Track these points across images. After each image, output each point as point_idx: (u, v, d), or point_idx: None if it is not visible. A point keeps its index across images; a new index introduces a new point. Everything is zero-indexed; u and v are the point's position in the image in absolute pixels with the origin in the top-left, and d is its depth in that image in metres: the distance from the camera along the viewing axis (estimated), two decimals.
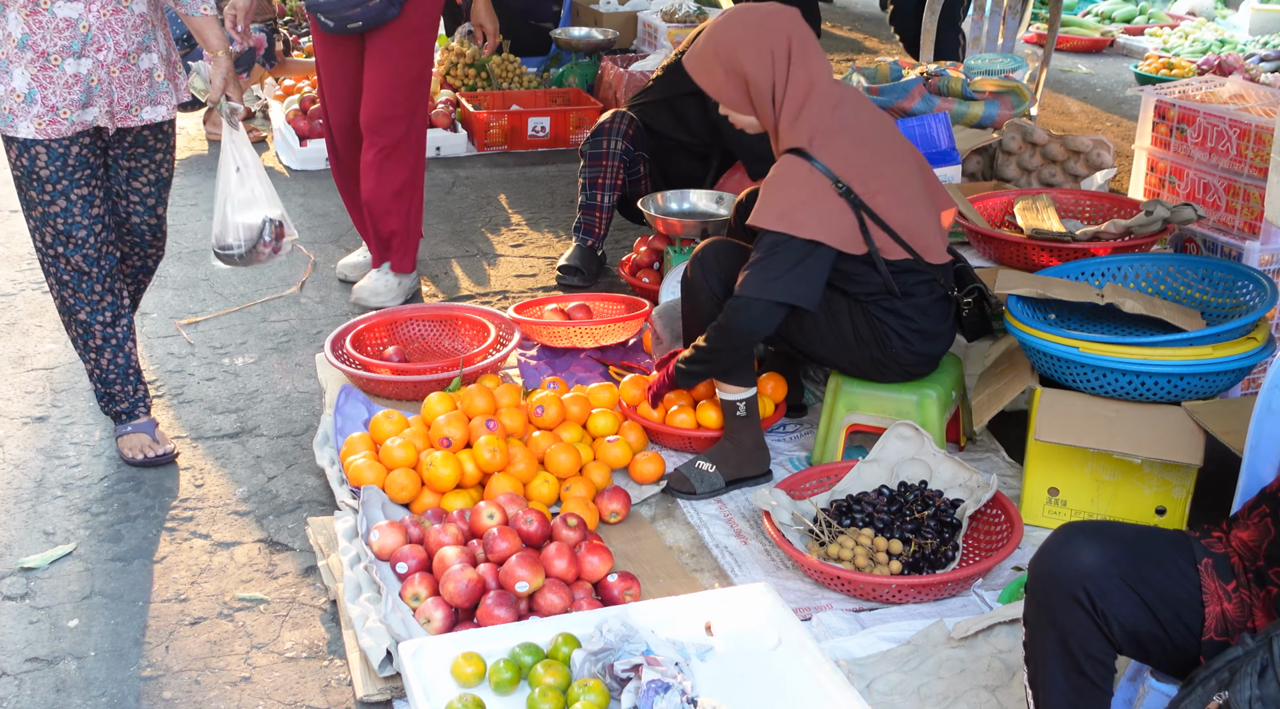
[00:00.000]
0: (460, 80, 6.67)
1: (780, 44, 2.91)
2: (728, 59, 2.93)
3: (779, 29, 2.93)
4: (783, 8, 3.00)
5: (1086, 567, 1.84)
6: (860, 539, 2.78)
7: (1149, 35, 8.99)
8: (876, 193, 2.87)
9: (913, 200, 2.95)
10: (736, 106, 3.01)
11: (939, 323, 3.01)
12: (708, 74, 2.99)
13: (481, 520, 2.76)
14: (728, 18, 2.99)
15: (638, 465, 3.14)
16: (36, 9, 2.89)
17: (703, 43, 3.01)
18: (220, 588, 2.79)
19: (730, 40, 2.94)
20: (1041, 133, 4.21)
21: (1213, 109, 3.58)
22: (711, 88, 3.01)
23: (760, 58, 2.91)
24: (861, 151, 2.89)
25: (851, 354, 3.04)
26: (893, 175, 2.92)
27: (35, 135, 2.97)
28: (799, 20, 2.98)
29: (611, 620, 2.33)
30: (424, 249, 4.91)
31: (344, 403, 3.37)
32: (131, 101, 3.10)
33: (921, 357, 3.03)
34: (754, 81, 2.92)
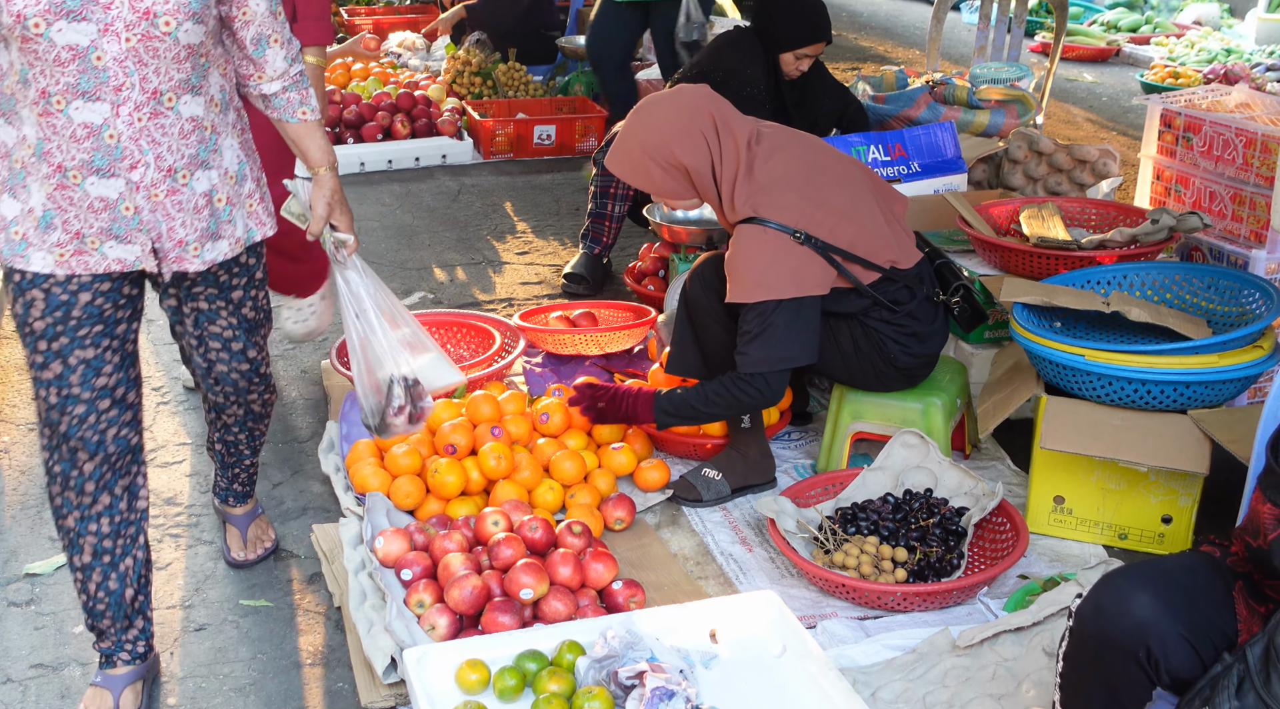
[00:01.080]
0: (466, 88, 6.68)
1: (707, 124, 2.89)
2: (662, 155, 2.89)
3: (700, 109, 2.90)
4: (693, 87, 3.00)
5: (1145, 623, 1.78)
6: (865, 547, 2.77)
7: (1155, 44, 9.00)
8: (834, 227, 2.86)
9: (869, 216, 2.93)
10: (679, 195, 2.97)
11: (929, 323, 3.01)
12: (644, 175, 2.94)
13: (486, 527, 2.76)
14: (644, 115, 2.95)
15: (643, 473, 3.14)
16: (49, 109, 2.14)
17: (627, 146, 2.94)
18: (225, 594, 2.79)
19: (658, 136, 2.89)
20: (1048, 141, 4.21)
21: (1219, 118, 3.58)
22: (650, 186, 2.96)
23: (695, 144, 2.88)
24: (805, 194, 2.87)
25: (852, 368, 3.04)
26: (842, 201, 2.90)
27: (54, 269, 2.23)
28: (710, 93, 2.98)
29: (616, 627, 2.33)
30: (429, 256, 4.92)
31: (349, 410, 3.37)
32: (186, 236, 2.28)
33: (920, 358, 3.03)
34: (694, 169, 2.89)
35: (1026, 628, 2.48)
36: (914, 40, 9.67)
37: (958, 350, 3.57)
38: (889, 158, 4.21)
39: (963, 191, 4.11)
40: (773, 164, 2.89)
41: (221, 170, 2.32)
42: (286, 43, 2.35)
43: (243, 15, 2.27)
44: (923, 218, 4.01)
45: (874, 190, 3.02)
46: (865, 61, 8.82)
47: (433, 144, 6.11)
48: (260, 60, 2.34)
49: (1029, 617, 2.48)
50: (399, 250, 4.98)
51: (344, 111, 6.06)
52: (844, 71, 8.42)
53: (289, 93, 2.39)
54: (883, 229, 2.94)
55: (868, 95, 4.92)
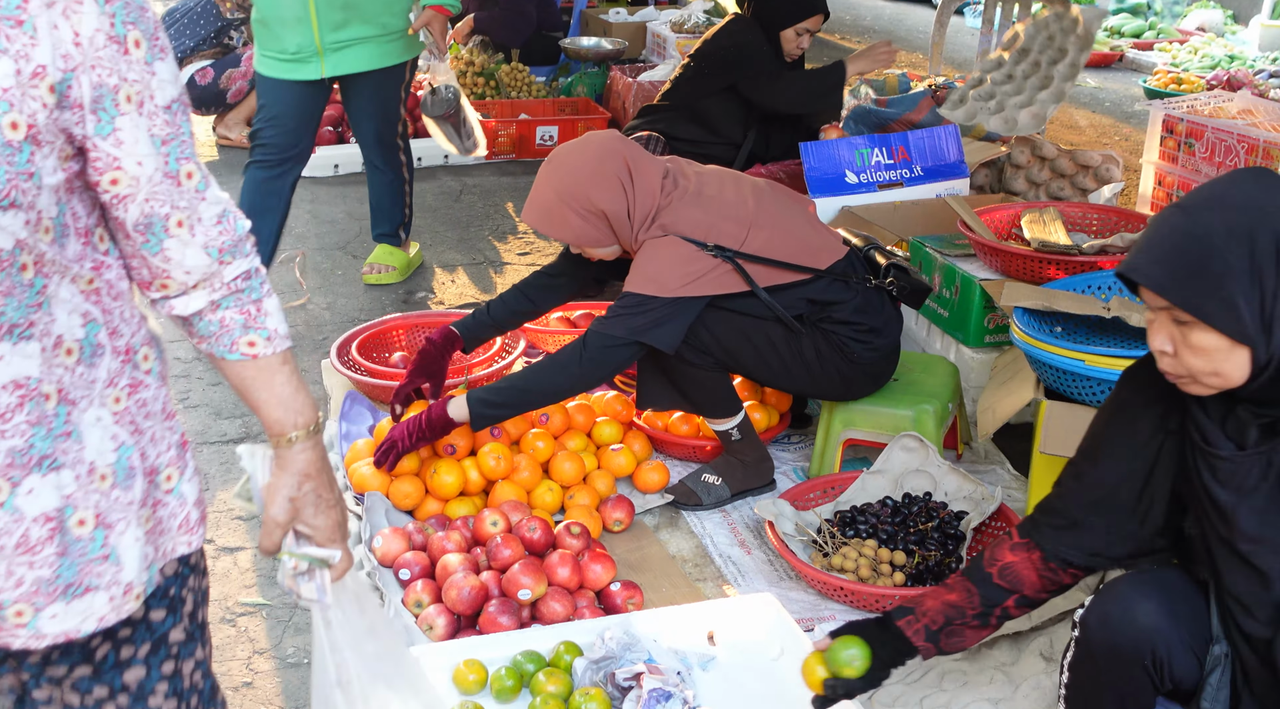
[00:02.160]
0: (469, 89, 6.69)
1: (621, 167, 2.89)
2: (580, 203, 2.88)
3: (613, 153, 2.91)
4: (601, 133, 3.01)
5: (1151, 629, 1.81)
6: (864, 550, 2.77)
7: (1158, 50, 9.00)
8: (747, 235, 2.88)
9: (781, 220, 2.96)
10: (598, 242, 2.95)
11: (878, 314, 3.02)
12: (562, 225, 2.91)
13: (485, 528, 2.76)
14: (557, 165, 2.93)
15: (642, 474, 3.14)
16: None
17: (543, 196, 2.93)
18: (223, 593, 2.79)
19: (574, 185, 2.88)
20: (1051, 147, 4.21)
21: (1221, 124, 3.59)
22: (569, 235, 2.93)
23: (611, 190, 2.87)
24: (711, 207, 2.90)
25: (818, 378, 3.02)
26: (749, 210, 2.93)
27: None
28: (619, 137, 2.99)
29: (614, 629, 2.33)
30: (430, 256, 4.92)
31: (349, 409, 3.38)
32: (17, 591, 1.24)
33: (881, 351, 3.03)
34: (612, 213, 2.88)
35: (1024, 633, 2.48)
36: (917, 44, 9.68)
37: (957, 355, 3.57)
38: (892, 161, 4.21)
39: (965, 196, 4.11)
40: (679, 189, 2.93)
41: (79, 469, 1.27)
42: (210, 223, 1.34)
43: (111, 182, 1.24)
44: (924, 221, 4.01)
45: (784, 197, 3.06)
46: None
47: (435, 144, 6.09)
48: (154, 259, 1.31)
49: (1027, 622, 2.48)
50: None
51: None
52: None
53: (223, 311, 1.41)
54: (799, 232, 2.97)
55: (870, 98, 4.92)
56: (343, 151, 5.93)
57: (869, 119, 4.81)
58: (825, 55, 9.18)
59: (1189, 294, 1.66)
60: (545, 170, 2.96)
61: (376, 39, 4.11)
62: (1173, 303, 1.67)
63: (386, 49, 4.15)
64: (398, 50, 4.19)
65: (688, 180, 2.97)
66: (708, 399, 3.04)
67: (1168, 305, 1.68)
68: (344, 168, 5.94)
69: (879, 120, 4.79)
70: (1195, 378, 1.72)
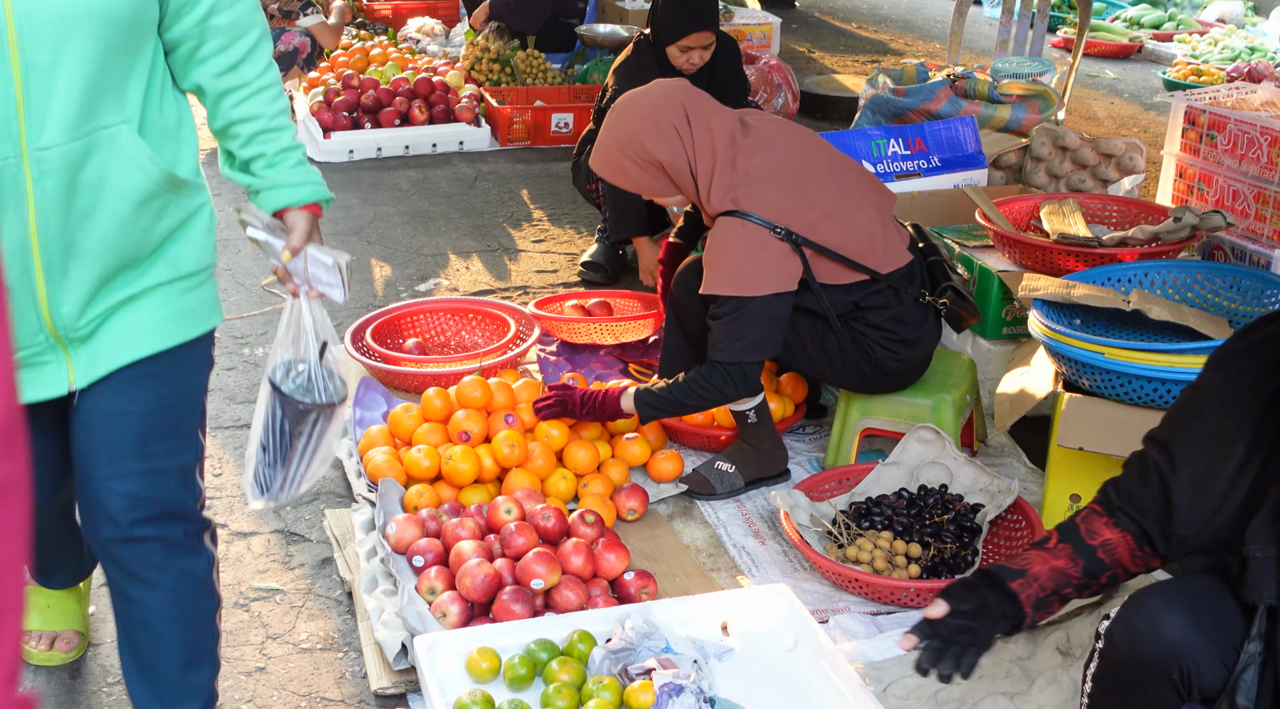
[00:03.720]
0: (484, 75, 6.67)
1: (679, 118, 2.87)
2: (638, 152, 2.88)
3: (673, 104, 2.89)
4: (666, 83, 2.98)
5: (1178, 644, 1.78)
6: (879, 542, 2.76)
7: (1178, 42, 8.93)
8: (817, 223, 2.84)
9: (856, 215, 2.91)
10: (661, 192, 2.96)
11: (917, 326, 2.98)
12: (622, 173, 2.93)
13: (499, 515, 2.76)
14: (619, 114, 2.95)
15: (656, 463, 3.13)
16: None
17: (605, 146, 2.95)
18: (236, 577, 2.79)
19: (631, 134, 2.89)
20: (1073, 136, 4.17)
21: (1244, 116, 3.55)
22: (630, 184, 2.95)
23: (667, 139, 2.86)
24: (788, 188, 2.85)
25: (838, 371, 3.02)
26: (828, 198, 2.88)
27: None
28: (687, 86, 2.96)
29: (634, 617, 2.32)
30: (445, 243, 4.91)
31: (363, 395, 3.37)
32: None
33: (907, 363, 3.00)
34: (670, 164, 2.87)
35: (1040, 627, 2.46)
36: (935, 34, 9.62)
37: (974, 346, 3.55)
38: (909, 152, 4.19)
39: (983, 187, 4.08)
40: (758, 158, 2.87)
41: None
42: None
43: None
44: (942, 212, 3.99)
45: (867, 190, 3.00)
46: (885, 55, 8.78)
47: (450, 130, 6.10)
48: None
49: None
50: (415, 236, 4.98)
51: (361, 96, 6.05)
52: (863, 64, 8.39)
53: None
54: (872, 231, 2.92)
55: (888, 88, 4.89)
56: (356, 137, 5.93)
57: (886, 109, 4.78)
58: (843, 45, 9.14)
59: None
60: (609, 118, 2.97)
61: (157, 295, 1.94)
62: None
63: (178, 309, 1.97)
64: (197, 309, 2.00)
65: (772, 148, 2.90)
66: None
67: None
68: (359, 153, 5.94)
69: (896, 110, 4.76)
70: None
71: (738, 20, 7.54)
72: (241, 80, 1.92)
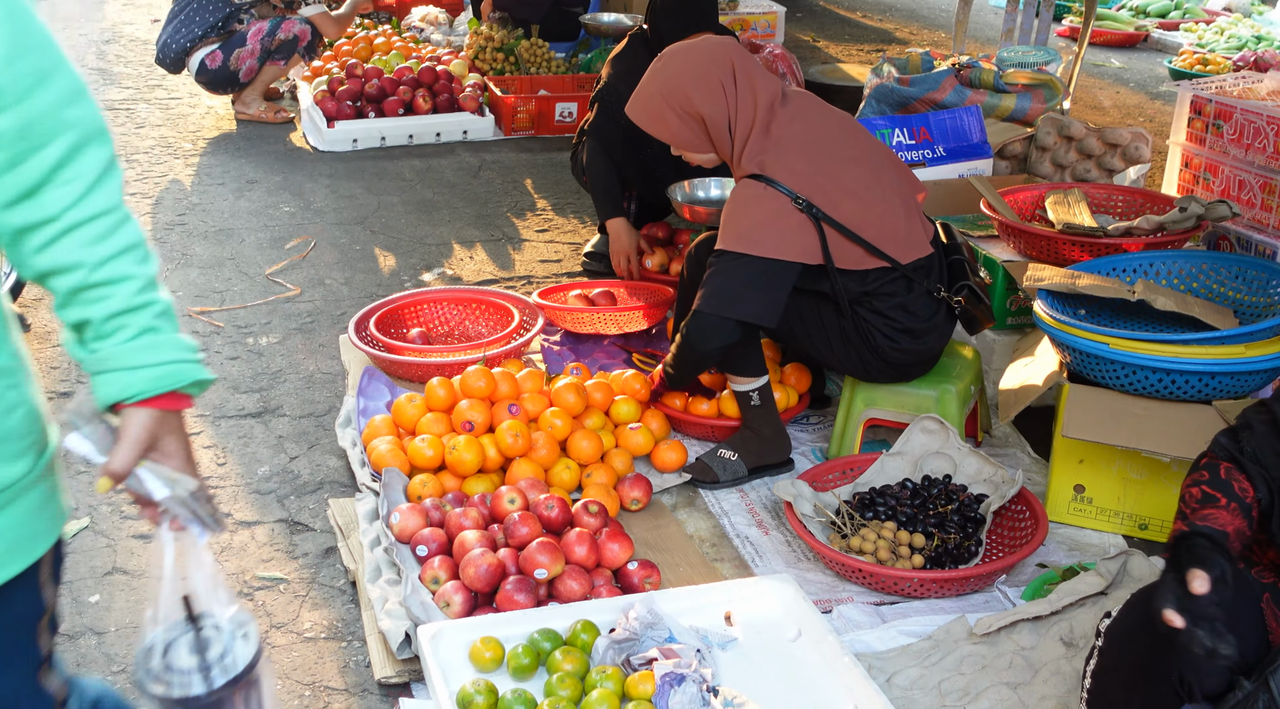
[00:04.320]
0: (488, 64, 6.66)
1: (727, 75, 2.87)
2: (681, 103, 2.88)
3: (722, 60, 2.89)
4: (718, 39, 2.97)
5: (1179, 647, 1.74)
6: (883, 532, 2.76)
7: (1184, 31, 8.90)
8: (840, 202, 2.83)
9: (881, 200, 2.89)
10: (695, 147, 2.96)
11: (925, 319, 2.97)
12: (661, 122, 2.93)
13: (502, 505, 2.76)
14: (667, 62, 2.94)
15: (660, 453, 3.13)
16: None
17: (648, 92, 2.94)
18: (241, 566, 2.80)
19: (677, 83, 2.88)
20: (1079, 126, 4.16)
21: (1250, 105, 3.54)
22: (666, 134, 2.95)
23: (713, 94, 2.86)
24: (817, 162, 2.84)
25: (839, 355, 3.02)
26: (855, 179, 2.87)
27: None
28: (737, 46, 2.95)
29: (638, 607, 2.32)
30: (449, 232, 4.90)
31: (367, 384, 3.37)
32: None
33: (910, 355, 2.99)
34: (710, 119, 2.87)
35: (1044, 617, 2.46)
36: (940, 23, 9.59)
37: (979, 337, 3.54)
38: (914, 142, 4.17)
39: (988, 177, 4.07)
40: (793, 128, 2.87)
41: None
42: None
43: None
44: (947, 202, 3.97)
45: (898, 178, 2.98)
46: (890, 44, 8.75)
47: (454, 120, 6.09)
48: None
49: (1047, 606, 2.46)
50: (419, 226, 4.97)
51: (365, 85, 6.05)
52: (868, 53, 8.36)
53: None
54: (895, 219, 2.90)
55: (893, 77, 4.87)
56: (360, 126, 5.92)
57: (891, 98, 4.76)
58: (847, 34, 9.11)
59: None
60: (655, 66, 2.96)
61: None
62: None
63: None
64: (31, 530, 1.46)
65: (808, 122, 2.90)
66: (735, 353, 3.01)
67: None
68: (363, 143, 5.93)
69: (901, 99, 4.74)
70: None
71: (742, 9, 7.52)
72: (44, 213, 1.32)
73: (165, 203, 5.17)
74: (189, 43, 6.09)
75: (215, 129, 6.24)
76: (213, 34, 6.10)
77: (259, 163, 5.72)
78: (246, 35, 6.09)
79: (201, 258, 4.59)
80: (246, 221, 4.96)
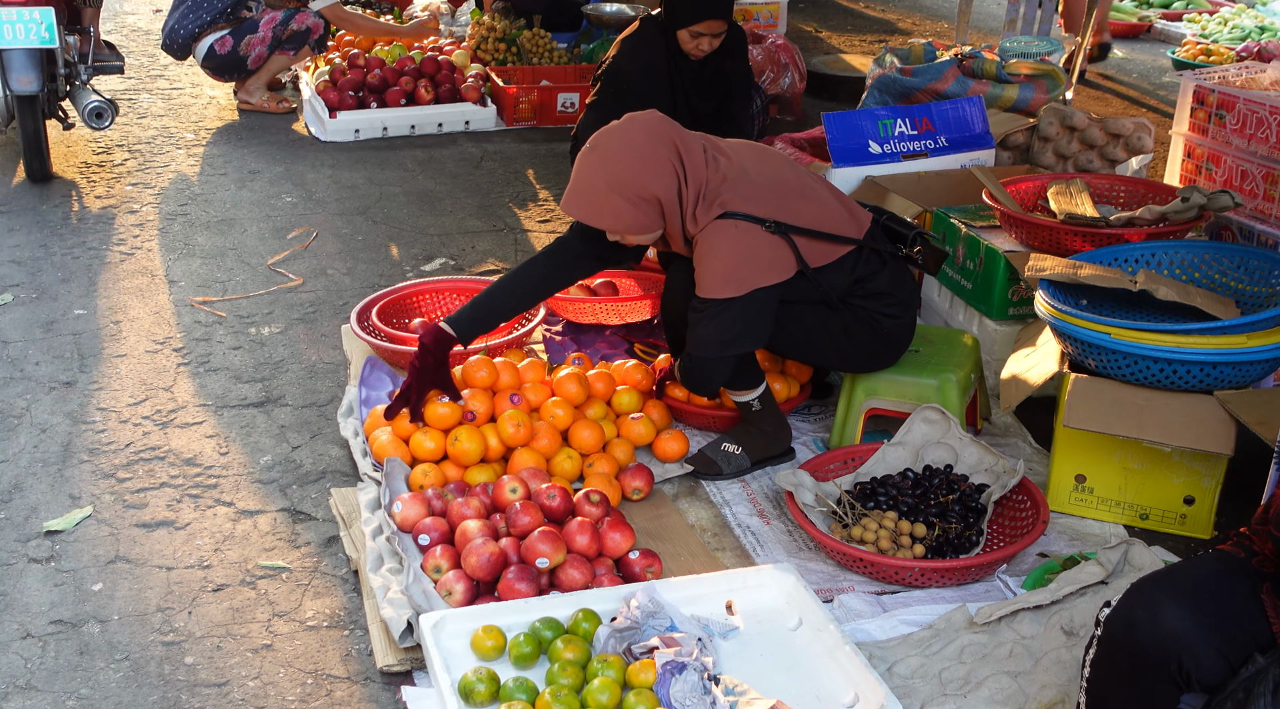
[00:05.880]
0: (490, 54, 6.65)
1: (672, 151, 2.84)
2: (633, 190, 2.80)
3: (661, 137, 2.84)
4: (643, 115, 2.90)
5: (1178, 635, 1.78)
6: (884, 522, 2.76)
7: (1187, 21, 8.87)
8: (796, 209, 2.87)
9: (814, 192, 2.95)
10: (648, 228, 2.88)
11: (903, 284, 3.03)
12: (613, 214, 2.83)
13: (504, 494, 2.76)
14: (605, 152, 2.84)
15: (661, 443, 3.13)
16: None
17: (593, 186, 2.84)
18: (243, 555, 2.80)
19: (627, 173, 2.80)
20: (1081, 116, 4.16)
21: (1253, 95, 3.53)
22: (615, 223, 2.85)
23: (664, 175, 2.81)
24: (759, 182, 2.87)
25: (846, 354, 3.04)
26: (792, 180, 2.92)
27: None
28: (663, 117, 2.91)
29: (640, 596, 2.33)
30: (451, 222, 4.90)
31: (369, 374, 3.38)
32: None
33: (905, 326, 3.05)
34: (666, 198, 2.83)
35: (1045, 606, 2.47)
36: (943, 13, 9.57)
37: (980, 327, 3.55)
38: (916, 132, 4.17)
39: (990, 167, 4.07)
40: (723, 167, 2.88)
41: None
42: None
43: None
44: (948, 192, 3.97)
45: (802, 167, 3.04)
46: (893, 34, 8.74)
47: (456, 110, 6.08)
48: None
49: (1048, 595, 2.46)
50: (421, 216, 4.97)
51: (368, 75, 6.04)
52: (871, 44, 8.35)
53: None
54: (831, 201, 2.96)
55: (895, 68, 4.87)
56: (362, 116, 5.92)
57: (894, 88, 4.76)
58: (850, 24, 9.09)
59: None
60: (589, 159, 2.85)
61: None
62: None
63: None
64: None
65: (728, 157, 2.92)
66: (734, 372, 3.02)
67: None
68: (365, 133, 5.92)
69: (904, 90, 4.74)
70: None
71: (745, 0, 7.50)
72: None
73: (168, 193, 5.17)
74: (197, 28, 6.08)
75: (218, 119, 6.24)
76: (221, 20, 6.10)
77: (261, 153, 5.72)
78: (259, 22, 6.09)
79: (204, 248, 4.59)
80: (249, 212, 4.97)
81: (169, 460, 3.18)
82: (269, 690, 2.39)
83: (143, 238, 4.69)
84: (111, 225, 4.80)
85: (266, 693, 2.38)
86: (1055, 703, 2.24)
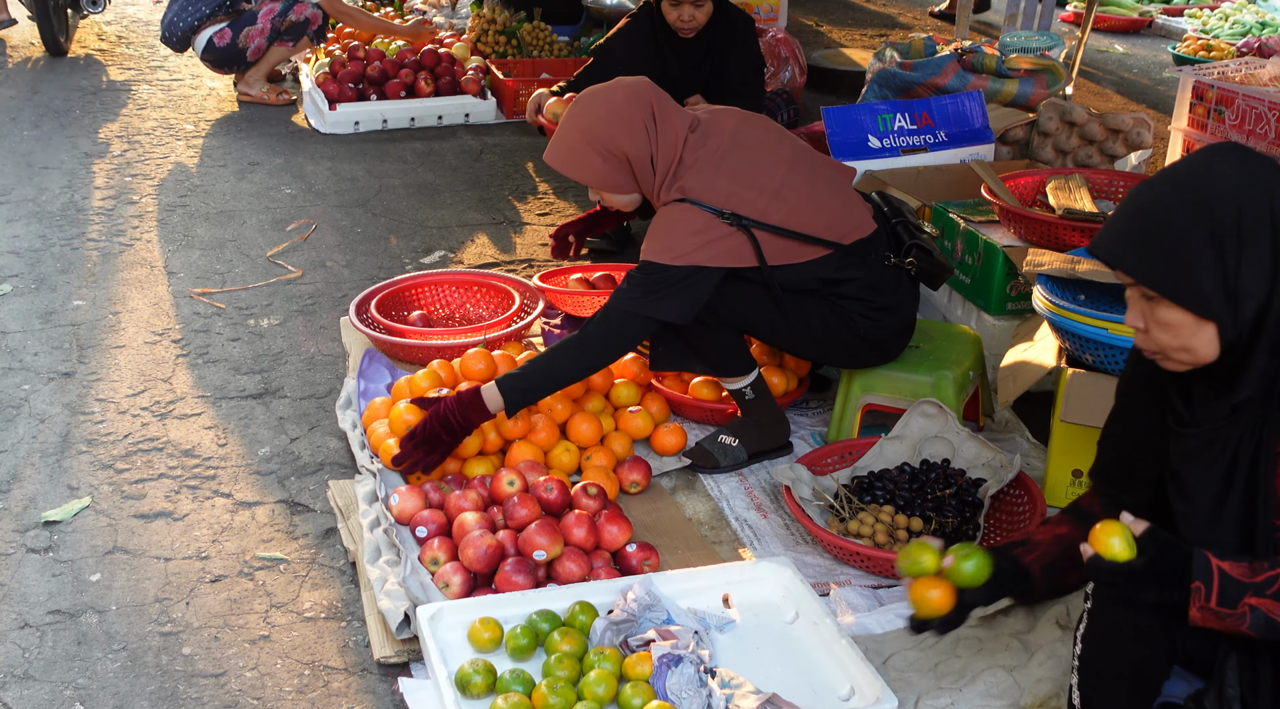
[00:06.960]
0: (491, 47, 6.64)
1: (647, 112, 2.90)
2: (605, 144, 2.89)
3: (640, 98, 2.91)
4: (631, 79, 2.99)
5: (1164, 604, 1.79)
6: (881, 516, 2.77)
7: (1188, 17, 8.87)
8: (768, 206, 2.86)
9: (807, 193, 2.92)
10: (618, 187, 2.96)
11: (891, 293, 3.00)
12: (585, 166, 2.93)
13: (502, 487, 2.77)
14: (586, 106, 2.94)
15: (659, 436, 3.14)
16: None
17: (568, 136, 2.94)
18: (241, 547, 2.81)
19: (600, 126, 2.89)
20: (1081, 111, 4.16)
21: (1252, 91, 3.53)
22: (589, 176, 2.95)
23: (635, 133, 2.88)
24: (735, 175, 2.87)
25: (823, 345, 3.03)
26: (775, 179, 2.90)
27: None
28: (650, 84, 2.98)
29: (636, 588, 2.33)
30: (450, 215, 4.91)
31: (367, 367, 3.38)
32: None
33: (890, 330, 3.01)
34: (635, 157, 2.89)
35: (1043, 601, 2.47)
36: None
37: (979, 322, 3.55)
38: (915, 127, 4.17)
39: (990, 162, 4.07)
40: (706, 149, 2.90)
41: None
42: None
43: None
44: (948, 186, 3.97)
45: (818, 166, 3.01)
46: (893, 29, 8.73)
47: (456, 103, 6.08)
48: None
49: None
50: (420, 208, 4.97)
51: (367, 68, 6.04)
52: (871, 38, 8.34)
53: None
54: (822, 204, 2.93)
55: (895, 62, 4.87)
56: (362, 108, 5.91)
57: (893, 83, 4.76)
58: (850, 18, 9.08)
59: (1148, 269, 1.71)
60: (572, 111, 2.97)
61: None
62: (1135, 279, 1.74)
63: None
64: None
65: (719, 138, 2.93)
66: (720, 358, 3.02)
67: (1134, 281, 1.73)
68: (364, 125, 5.92)
69: (903, 84, 4.74)
70: (1166, 354, 1.79)
71: None
72: None
73: (167, 184, 5.17)
74: (196, 21, 6.08)
75: (217, 111, 6.24)
76: (220, 12, 6.10)
77: (261, 145, 5.72)
78: (257, 14, 6.09)
79: (203, 239, 4.59)
80: (248, 203, 4.97)
81: (167, 451, 3.18)
82: (266, 681, 2.39)
83: (142, 229, 4.69)
84: (110, 216, 4.80)
85: (264, 684, 2.39)
86: (1050, 697, 2.25)
